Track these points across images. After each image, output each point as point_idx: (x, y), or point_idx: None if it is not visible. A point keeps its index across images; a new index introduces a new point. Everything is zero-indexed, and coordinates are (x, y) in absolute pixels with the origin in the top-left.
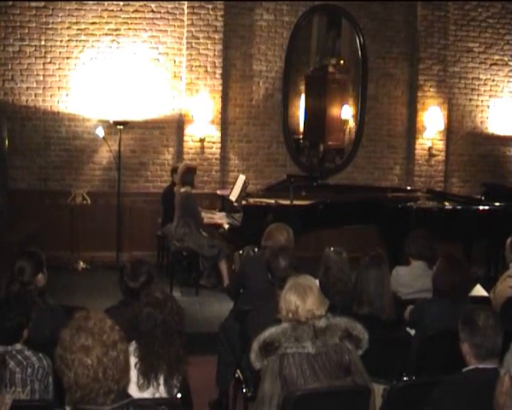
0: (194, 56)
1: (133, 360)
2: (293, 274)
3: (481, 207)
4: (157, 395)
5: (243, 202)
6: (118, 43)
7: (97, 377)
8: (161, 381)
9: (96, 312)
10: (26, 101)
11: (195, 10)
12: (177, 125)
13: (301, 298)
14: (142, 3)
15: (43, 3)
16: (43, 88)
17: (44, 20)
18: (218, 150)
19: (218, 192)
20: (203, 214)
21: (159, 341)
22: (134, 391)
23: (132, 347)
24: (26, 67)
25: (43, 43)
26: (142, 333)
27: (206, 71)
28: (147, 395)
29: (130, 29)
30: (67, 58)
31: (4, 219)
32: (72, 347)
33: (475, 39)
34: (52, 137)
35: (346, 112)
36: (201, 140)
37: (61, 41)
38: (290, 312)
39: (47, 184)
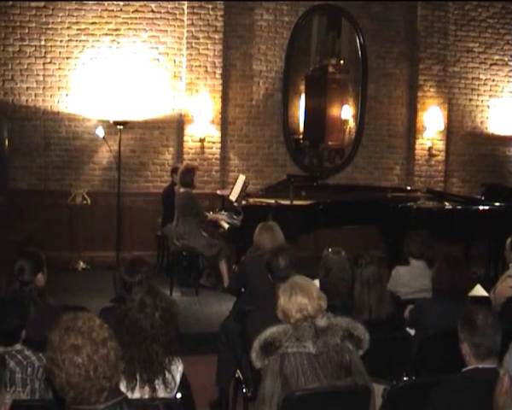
0: (194, 56)
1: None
2: (294, 273)
3: (481, 207)
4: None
5: (243, 202)
6: (118, 43)
7: (89, 376)
8: (159, 381)
9: (83, 312)
10: (26, 101)
11: (195, 10)
12: (177, 125)
13: (307, 295)
14: (142, 3)
15: (43, 3)
16: (43, 88)
17: (44, 20)
18: (218, 150)
19: (218, 192)
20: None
21: (138, 341)
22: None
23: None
24: (26, 67)
25: (43, 43)
26: (127, 333)
27: (206, 71)
28: (139, 396)
29: (130, 29)
30: (67, 58)
31: (4, 219)
32: (62, 347)
33: (475, 39)
34: (52, 137)
35: (346, 112)
36: (201, 140)
37: (61, 41)
38: (299, 311)
39: (47, 184)
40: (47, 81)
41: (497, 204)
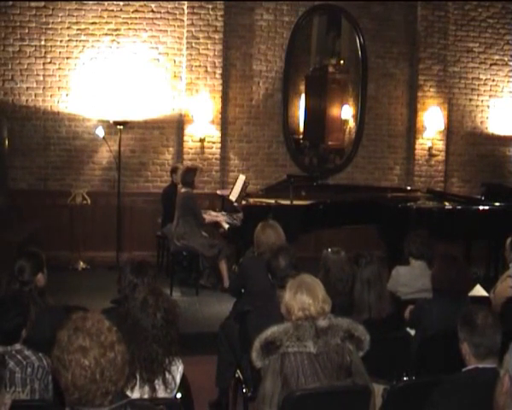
0: (194, 56)
1: None
2: (294, 273)
3: (481, 207)
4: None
5: (243, 202)
6: (118, 43)
7: (95, 379)
8: (159, 381)
9: (93, 313)
10: (26, 101)
11: (195, 10)
12: (177, 125)
13: (312, 296)
14: (142, 3)
15: (43, 3)
16: (43, 88)
17: (44, 20)
18: (218, 150)
19: (218, 192)
20: (204, 215)
21: (139, 340)
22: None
23: None
24: (26, 67)
25: (43, 43)
26: (128, 332)
27: (206, 71)
28: (139, 395)
29: (130, 29)
30: (67, 58)
31: (4, 219)
32: (70, 347)
33: (475, 39)
34: (52, 137)
35: (346, 112)
36: (201, 140)
37: (61, 41)
38: (301, 310)
39: (47, 184)
40: (47, 81)
41: (497, 204)
